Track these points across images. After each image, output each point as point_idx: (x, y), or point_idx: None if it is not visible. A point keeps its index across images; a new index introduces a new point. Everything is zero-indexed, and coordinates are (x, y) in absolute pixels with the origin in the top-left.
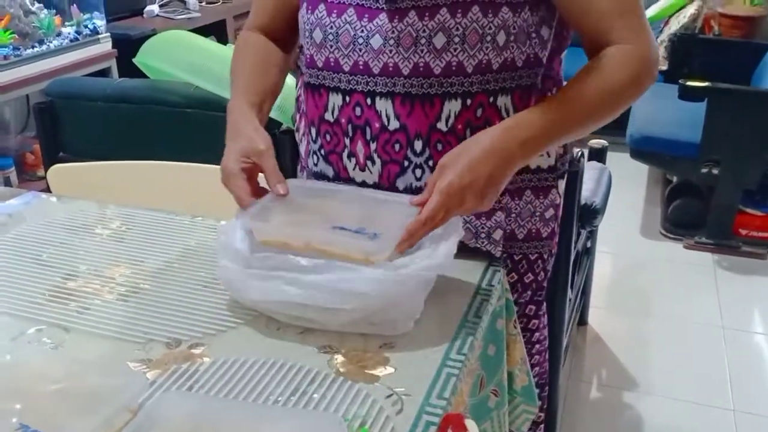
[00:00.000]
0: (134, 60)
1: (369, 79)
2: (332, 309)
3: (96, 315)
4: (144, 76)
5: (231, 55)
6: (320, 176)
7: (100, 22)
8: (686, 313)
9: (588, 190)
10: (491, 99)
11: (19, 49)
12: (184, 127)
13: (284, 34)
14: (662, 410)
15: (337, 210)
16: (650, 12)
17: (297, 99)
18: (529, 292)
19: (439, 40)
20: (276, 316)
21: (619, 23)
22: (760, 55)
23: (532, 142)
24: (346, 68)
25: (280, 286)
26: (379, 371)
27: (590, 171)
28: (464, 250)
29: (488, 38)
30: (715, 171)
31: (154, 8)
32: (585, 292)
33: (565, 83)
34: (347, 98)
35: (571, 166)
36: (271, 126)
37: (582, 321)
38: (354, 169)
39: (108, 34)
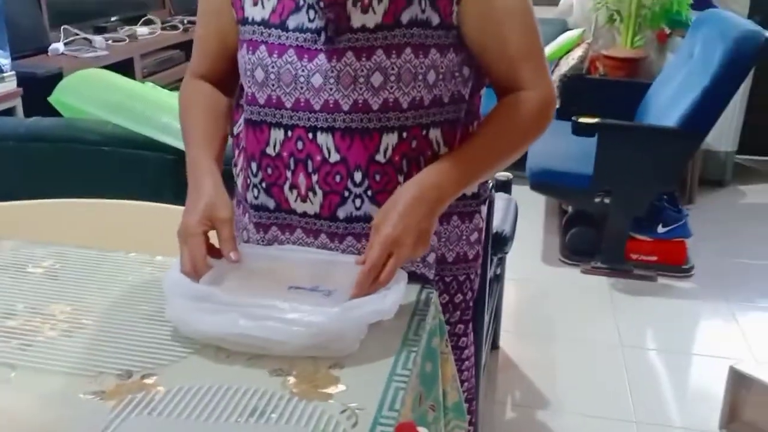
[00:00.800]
0: (49, 99)
1: (310, 115)
2: (281, 343)
3: (41, 351)
4: (52, 115)
5: (148, 93)
6: (261, 208)
7: (4, 60)
8: (587, 334)
9: (498, 219)
10: (424, 132)
11: None
12: (101, 166)
13: (226, 78)
14: (573, 426)
15: (290, 272)
16: None
17: (235, 135)
18: (458, 312)
19: (377, 79)
20: (224, 345)
21: (525, 69)
22: (642, 92)
23: (449, 188)
24: (288, 105)
25: (235, 319)
26: (332, 389)
27: (498, 201)
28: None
29: (420, 77)
30: (606, 200)
31: (59, 46)
32: (497, 317)
33: (482, 118)
34: (289, 133)
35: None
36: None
37: (494, 345)
38: (295, 201)
39: (13, 72)
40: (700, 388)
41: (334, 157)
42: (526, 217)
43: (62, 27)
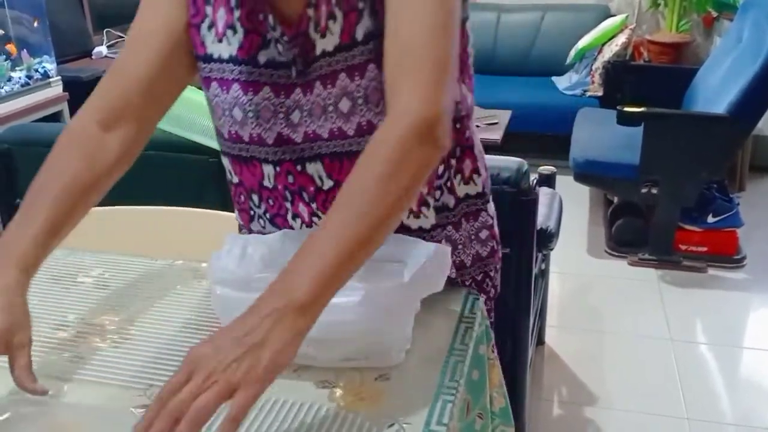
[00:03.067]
0: None
1: (294, 148)
2: (328, 342)
3: (91, 364)
4: None
5: (189, 96)
6: None
7: (50, 65)
8: (635, 327)
9: (542, 215)
10: None
11: None
12: (145, 170)
13: (146, 120)
14: (622, 423)
15: None
16: (584, 41)
17: (231, 185)
18: None
19: (345, 105)
20: None
21: (409, 69)
22: (688, 78)
23: (319, 302)
24: (270, 141)
25: None
26: (378, 402)
27: (542, 197)
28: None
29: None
30: (654, 191)
31: (102, 49)
32: (542, 313)
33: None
34: (277, 168)
35: (528, 194)
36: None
37: (540, 341)
38: (301, 228)
39: (59, 77)
40: (754, 383)
41: (328, 183)
42: (571, 208)
43: (105, 30)
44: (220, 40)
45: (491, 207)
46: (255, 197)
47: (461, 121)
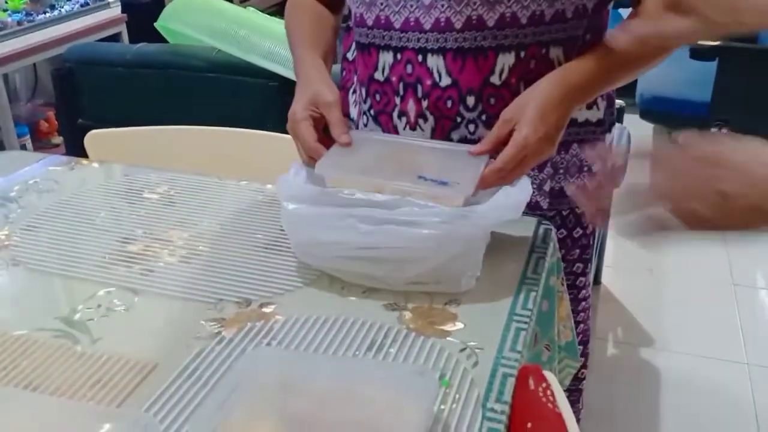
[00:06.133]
0: (156, 24)
1: (420, 36)
2: (400, 262)
3: (161, 277)
4: (155, 40)
5: (251, 18)
6: None
7: None
8: (696, 270)
9: None
10: (544, 51)
11: (31, 14)
12: (206, 92)
13: None
14: (678, 365)
15: (413, 158)
16: None
17: (344, 59)
18: (577, 250)
19: None
20: (339, 275)
21: None
22: None
23: (588, 86)
24: (397, 25)
25: (353, 223)
26: (449, 326)
27: None
28: None
29: None
30: (724, 131)
31: None
32: (600, 252)
33: None
34: (398, 56)
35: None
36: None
37: (596, 281)
38: (404, 129)
39: None
40: None
41: (446, 80)
42: (633, 144)
43: None
44: None
45: (609, 138)
46: (363, 91)
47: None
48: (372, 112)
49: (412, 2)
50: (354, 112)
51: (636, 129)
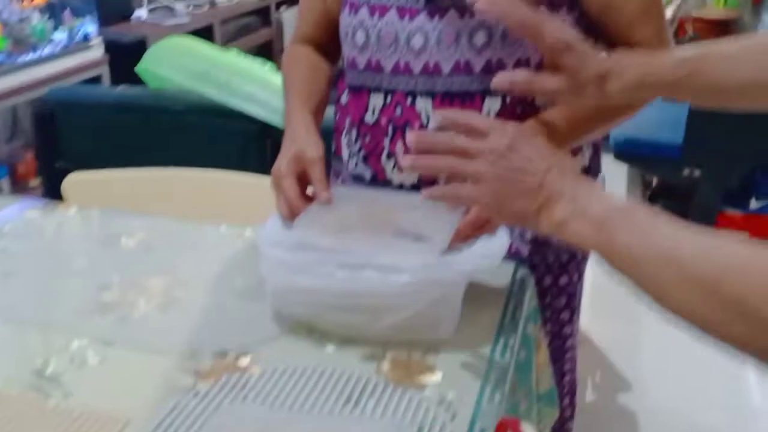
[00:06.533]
0: (136, 69)
1: (409, 79)
2: (378, 310)
3: (137, 327)
4: (136, 82)
5: (233, 61)
6: (357, 178)
7: (92, 27)
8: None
9: None
10: (530, 97)
11: (13, 56)
12: (187, 135)
13: (329, 45)
14: (655, 410)
15: (391, 215)
16: None
17: (338, 102)
18: (563, 298)
19: (480, 38)
20: (317, 323)
21: (645, 30)
22: None
23: (556, 140)
24: (387, 69)
25: (331, 269)
26: (427, 378)
27: None
28: None
29: None
30: (696, 173)
31: (142, 14)
32: None
33: None
34: (388, 98)
35: None
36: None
37: None
38: (392, 170)
39: (100, 39)
40: None
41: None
42: (608, 187)
43: None
44: None
45: (598, 182)
46: (353, 132)
47: None
48: (362, 153)
49: (403, 47)
50: (346, 153)
51: (611, 170)
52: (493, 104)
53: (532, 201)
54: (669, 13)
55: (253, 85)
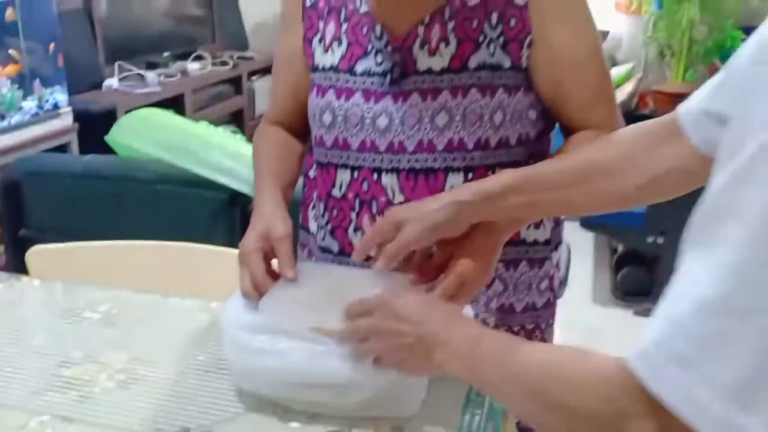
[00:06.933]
0: (106, 138)
1: (375, 156)
2: (342, 387)
3: (98, 404)
4: (105, 151)
5: (203, 132)
6: (325, 250)
7: (61, 96)
8: None
9: None
10: (490, 173)
11: None
12: (155, 204)
13: (300, 127)
14: None
15: (357, 293)
16: None
17: (306, 176)
18: None
19: (441, 119)
20: (282, 401)
21: (598, 112)
22: None
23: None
24: (354, 146)
25: (294, 350)
26: None
27: None
28: None
29: (486, 117)
30: (660, 240)
31: (113, 82)
32: None
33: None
34: (355, 174)
35: None
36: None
37: None
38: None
39: (69, 108)
40: None
41: (399, 198)
42: (575, 253)
43: (116, 63)
44: (326, 51)
45: (556, 256)
46: (321, 206)
47: None
48: (329, 227)
49: (368, 126)
50: (314, 226)
51: (578, 237)
52: (456, 180)
53: (419, 353)
54: (630, 87)
55: (222, 156)
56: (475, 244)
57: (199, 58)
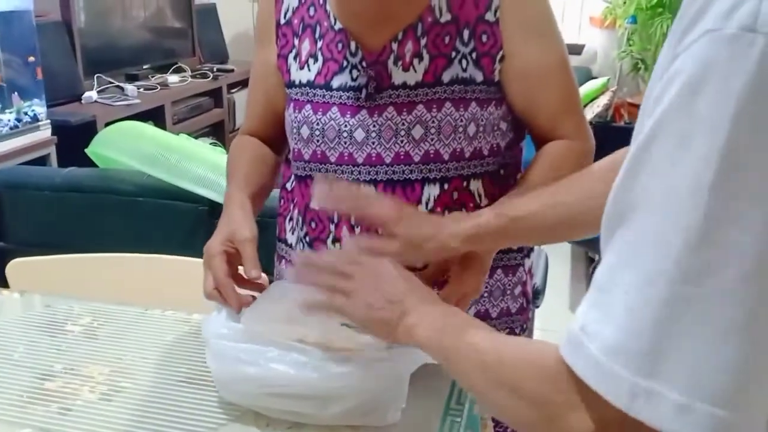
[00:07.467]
0: (86, 150)
1: (353, 168)
2: (323, 398)
3: (80, 417)
4: (85, 163)
5: (183, 145)
6: None
7: (40, 109)
8: None
9: None
10: (465, 183)
11: None
12: (135, 216)
13: (275, 139)
14: None
15: None
16: None
17: (283, 188)
18: None
19: (417, 132)
20: (264, 411)
21: (567, 123)
22: None
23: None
24: (332, 159)
25: (277, 360)
26: None
27: None
28: None
29: (460, 129)
30: None
31: (92, 94)
32: None
33: (523, 169)
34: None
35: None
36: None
37: None
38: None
39: (48, 121)
40: None
41: None
42: (553, 263)
43: (96, 75)
44: (302, 68)
45: (528, 263)
46: (299, 219)
47: (515, 176)
48: (308, 239)
49: (346, 139)
50: (292, 238)
51: (555, 247)
52: (432, 191)
53: (395, 309)
54: (605, 99)
55: (202, 167)
56: (470, 259)
57: (178, 70)
